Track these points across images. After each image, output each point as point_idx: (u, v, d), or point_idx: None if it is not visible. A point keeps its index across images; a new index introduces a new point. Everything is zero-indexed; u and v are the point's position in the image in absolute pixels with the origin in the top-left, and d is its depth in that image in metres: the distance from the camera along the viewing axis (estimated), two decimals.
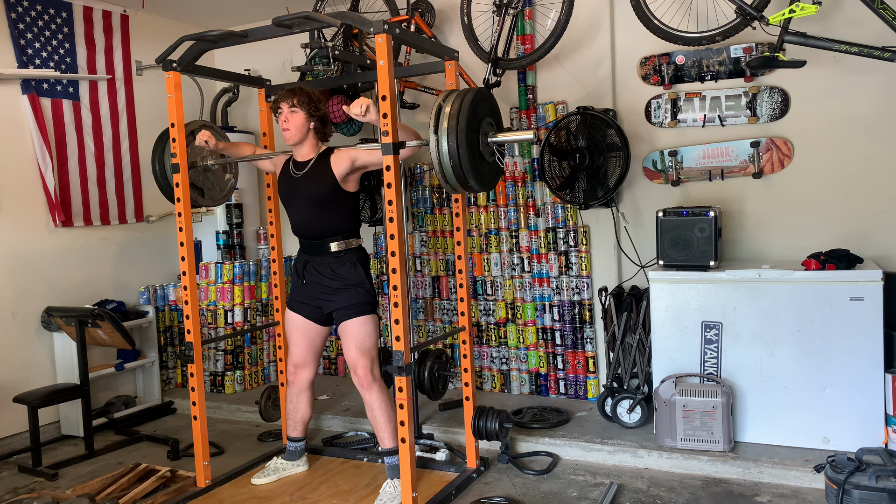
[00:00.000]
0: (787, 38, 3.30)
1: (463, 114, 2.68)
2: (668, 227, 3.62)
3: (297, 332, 3.40)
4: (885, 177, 3.64)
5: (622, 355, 3.86)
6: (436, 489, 3.22)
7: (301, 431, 3.52)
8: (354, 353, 3.19)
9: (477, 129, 2.76)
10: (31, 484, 3.67)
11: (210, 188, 3.65)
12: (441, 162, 2.71)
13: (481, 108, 2.80)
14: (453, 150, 2.66)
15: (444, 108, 2.72)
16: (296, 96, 3.19)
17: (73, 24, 4.61)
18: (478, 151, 2.77)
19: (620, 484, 3.27)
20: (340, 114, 4.51)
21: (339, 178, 3.19)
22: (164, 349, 5.05)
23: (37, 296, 4.37)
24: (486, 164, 2.86)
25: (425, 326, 4.79)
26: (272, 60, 5.23)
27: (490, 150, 2.87)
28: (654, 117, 4.09)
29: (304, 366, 3.42)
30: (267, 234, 4.54)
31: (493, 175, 2.93)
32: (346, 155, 3.18)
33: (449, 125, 2.67)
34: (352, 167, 3.18)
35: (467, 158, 2.68)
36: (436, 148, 2.70)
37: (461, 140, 2.66)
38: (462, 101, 2.72)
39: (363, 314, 3.22)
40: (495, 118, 2.94)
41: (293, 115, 3.19)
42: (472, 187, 2.80)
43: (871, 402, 3.24)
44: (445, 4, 4.57)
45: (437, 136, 2.69)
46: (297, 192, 3.27)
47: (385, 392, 3.22)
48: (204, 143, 3.35)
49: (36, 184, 4.39)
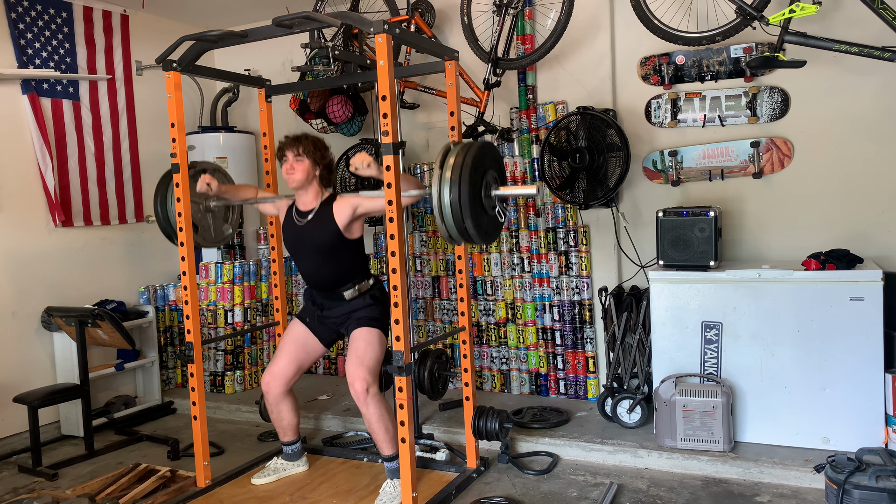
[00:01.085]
0: (787, 38, 3.30)
1: (467, 165, 2.67)
2: (668, 227, 3.62)
3: (292, 341, 3.38)
4: (885, 177, 3.64)
5: (622, 355, 3.86)
6: (436, 489, 3.22)
7: (292, 436, 3.49)
8: (353, 367, 3.14)
9: (481, 179, 2.76)
10: (31, 484, 3.67)
11: (205, 228, 3.60)
12: (441, 211, 2.70)
13: (486, 160, 2.80)
14: (454, 198, 2.66)
15: (449, 158, 2.72)
16: (301, 144, 3.20)
17: (73, 24, 4.61)
18: (479, 203, 2.76)
19: (620, 484, 3.27)
20: (340, 114, 4.52)
21: (342, 227, 3.20)
22: (164, 349, 5.05)
23: (37, 296, 4.37)
24: (487, 217, 2.85)
25: (425, 326, 4.79)
26: (272, 60, 5.23)
27: (491, 203, 2.87)
28: (654, 117, 4.09)
29: (280, 378, 3.34)
30: (267, 234, 4.53)
31: (492, 228, 2.92)
32: (348, 203, 3.18)
33: (452, 175, 2.66)
34: (354, 215, 3.19)
35: (468, 206, 2.67)
36: (437, 192, 2.69)
37: (464, 186, 2.65)
38: (467, 153, 2.72)
39: (372, 326, 3.24)
40: (499, 172, 2.93)
41: (299, 163, 3.21)
42: (471, 239, 2.78)
43: (871, 402, 3.24)
44: (445, 4, 4.57)
45: (439, 185, 2.69)
46: (301, 242, 3.29)
47: (382, 405, 3.16)
48: (206, 186, 3.32)
49: (36, 184, 4.39)
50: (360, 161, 2.88)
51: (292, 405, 3.44)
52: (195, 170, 3.53)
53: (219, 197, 3.47)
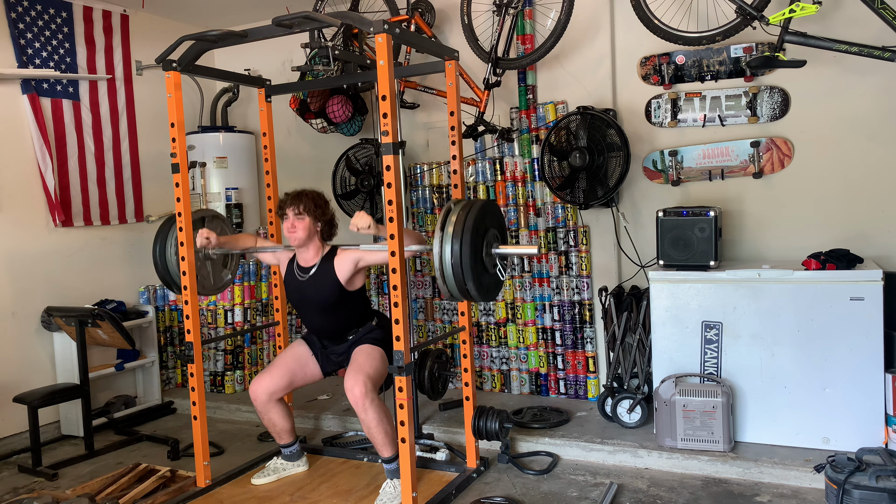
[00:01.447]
0: (787, 37, 3.30)
1: (469, 223, 2.70)
2: (668, 227, 3.62)
3: (293, 358, 3.40)
4: (885, 177, 3.64)
5: (622, 355, 3.86)
6: (436, 489, 3.22)
7: (288, 438, 3.49)
8: (352, 374, 3.15)
9: (482, 237, 2.79)
10: (31, 484, 3.67)
11: (204, 276, 3.58)
12: (443, 268, 2.73)
13: (488, 219, 2.83)
14: (456, 257, 2.69)
15: (451, 215, 2.75)
16: (302, 202, 3.21)
17: (73, 24, 4.61)
18: (480, 261, 2.79)
19: (620, 484, 3.27)
20: (341, 114, 4.52)
21: (344, 282, 3.23)
22: (164, 349, 5.05)
23: (37, 296, 4.37)
24: (487, 275, 2.87)
25: (425, 326, 4.79)
26: (272, 60, 5.23)
27: (492, 261, 2.89)
28: (654, 117, 4.09)
29: (268, 389, 3.32)
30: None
31: (492, 286, 2.94)
32: (349, 258, 3.21)
33: (454, 232, 2.69)
34: (355, 270, 3.23)
35: (469, 264, 2.69)
36: (439, 254, 2.72)
37: (465, 245, 2.68)
38: (469, 211, 2.74)
39: (374, 344, 3.29)
40: (500, 231, 2.96)
41: (300, 220, 3.22)
42: (471, 296, 2.80)
43: (871, 402, 3.24)
44: (445, 4, 4.56)
45: (441, 242, 2.72)
46: (304, 297, 3.32)
47: (381, 409, 3.14)
48: (205, 240, 3.33)
49: (36, 184, 4.39)
50: (361, 222, 2.97)
51: (282, 411, 3.41)
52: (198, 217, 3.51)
53: (217, 247, 3.47)
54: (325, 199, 3.32)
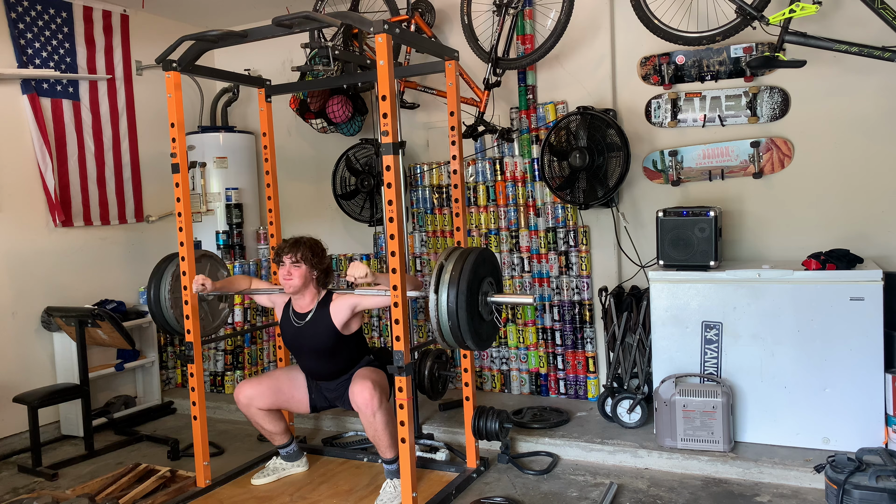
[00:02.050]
0: (787, 37, 3.30)
1: (465, 275, 2.71)
2: (668, 227, 3.62)
3: (287, 379, 3.39)
4: (885, 177, 3.64)
5: (622, 355, 3.86)
6: (436, 489, 3.22)
7: (282, 440, 3.48)
8: (360, 381, 3.11)
9: (477, 289, 2.79)
10: (31, 484, 3.67)
11: (203, 317, 3.58)
12: (440, 319, 2.74)
13: (483, 268, 2.83)
14: (452, 311, 2.69)
15: (447, 266, 2.75)
16: (299, 251, 3.20)
17: (72, 24, 4.61)
18: (476, 312, 2.80)
19: (620, 484, 3.27)
20: (341, 114, 4.52)
21: (340, 327, 3.23)
22: (164, 349, 5.05)
23: (37, 296, 4.37)
24: (485, 324, 2.88)
25: (425, 326, 4.79)
26: (272, 60, 5.23)
27: (489, 310, 2.90)
28: (654, 117, 4.09)
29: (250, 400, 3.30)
30: (267, 234, 4.53)
31: (490, 334, 2.95)
32: (345, 304, 3.21)
33: (450, 284, 2.70)
34: (351, 315, 3.23)
35: (465, 319, 2.71)
36: (435, 307, 2.73)
37: (461, 302, 2.68)
38: (465, 261, 2.74)
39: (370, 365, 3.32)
40: (496, 277, 2.96)
41: (296, 268, 3.21)
42: (469, 347, 2.82)
43: (871, 402, 3.24)
44: (445, 4, 4.56)
45: (437, 295, 2.72)
46: (301, 343, 3.31)
47: (389, 413, 3.12)
48: (201, 287, 3.28)
49: (36, 184, 4.39)
50: (358, 272, 2.99)
51: (267, 415, 3.37)
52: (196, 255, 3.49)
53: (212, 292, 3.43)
54: (322, 248, 3.30)
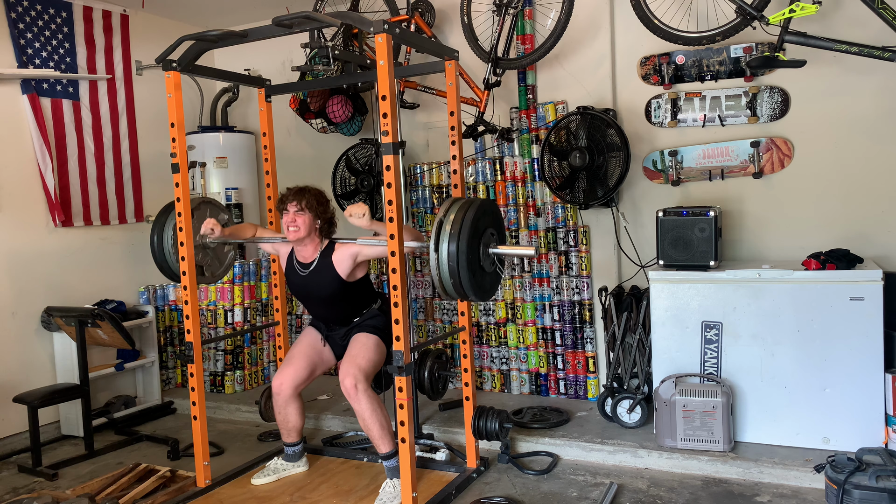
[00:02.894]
0: (787, 37, 3.30)
1: (466, 224, 2.69)
2: (668, 227, 3.62)
3: (309, 346, 3.44)
4: (885, 177, 3.64)
5: (622, 355, 3.86)
6: (436, 489, 3.22)
7: (296, 437, 3.51)
8: (345, 366, 3.21)
9: (479, 240, 2.78)
10: (31, 484, 3.66)
11: (209, 264, 3.60)
12: (440, 270, 2.73)
13: (485, 219, 2.82)
14: (453, 259, 2.68)
15: (448, 216, 2.74)
16: (304, 199, 3.22)
17: (72, 24, 4.61)
18: (478, 265, 2.79)
19: (620, 484, 3.26)
20: (341, 113, 4.52)
21: (345, 276, 3.26)
22: (164, 349, 5.05)
23: (37, 296, 4.37)
24: (487, 275, 2.87)
25: (425, 326, 4.79)
26: (272, 60, 5.23)
27: (490, 261, 2.89)
28: (654, 117, 4.09)
29: (293, 380, 3.35)
30: None
31: (492, 285, 2.94)
32: (347, 253, 3.23)
33: (451, 233, 2.68)
34: (354, 264, 3.25)
35: (466, 271, 2.70)
36: (436, 259, 2.72)
37: (461, 256, 2.67)
38: (465, 212, 2.73)
39: (372, 332, 3.32)
40: (498, 230, 2.96)
41: (300, 216, 3.22)
42: (469, 297, 2.81)
43: (871, 402, 3.24)
44: (445, 4, 4.56)
45: (437, 247, 2.71)
46: (307, 291, 3.36)
47: (373, 400, 3.18)
48: (210, 230, 3.36)
49: (36, 184, 4.39)
50: (358, 210, 3.00)
51: (300, 408, 3.46)
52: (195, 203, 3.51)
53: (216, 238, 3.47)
54: (326, 198, 3.34)
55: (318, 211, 3.26)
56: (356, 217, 3.01)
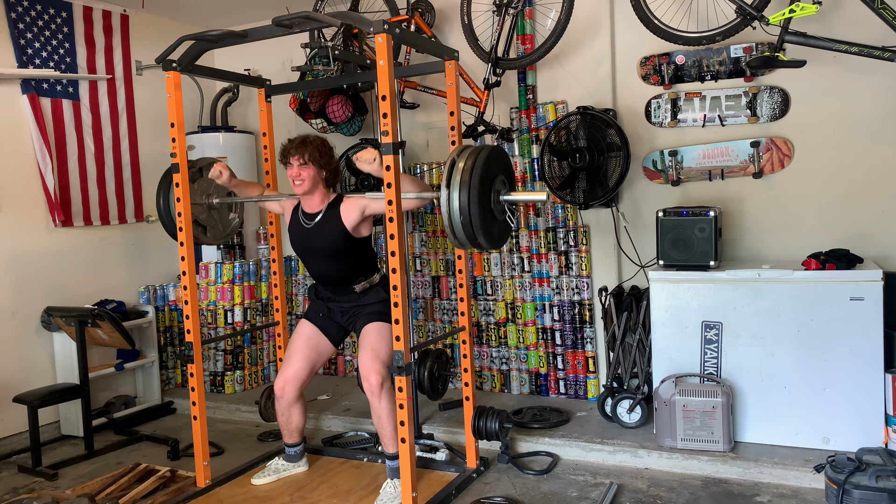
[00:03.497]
0: (787, 37, 3.30)
1: (476, 170, 2.66)
2: (668, 227, 3.62)
3: (303, 343, 3.39)
4: (885, 177, 3.64)
5: (622, 355, 3.86)
6: (436, 489, 3.22)
7: (297, 437, 3.51)
8: (368, 360, 3.16)
9: (490, 186, 2.75)
10: (31, 484, 3.67)
11: (213, 226, 3.65)
12: (451, 217, 2.70)
13: (495, 165, 2.79)
14: (464, 205, 2.65)
15: (458, 163, 2.71)
16: (307, 151, 3.17)
17: (72, 24, 4.61)
18: (489, 209, 2.75)
19: (620, 484, 3.27)
20: (340, 113, 4.52)
21: (351, 229, 3.22)
22: (164, 349, 5.05)
23: (37, 296, 4.37)
24: (497, 222, 2.84)
25: (425, 326, 4.79)
26: (272, 60, 5.23)
27: (501, 208, 2.86)
28: (654, 117, 4.09)
29: (295, 381, 3.34)
30: (267, 234, 4.53)
31: (502, 233, 2.91)
32: (355, 205, 3.20)
33: (462, 180, 2.66)
34: (362, 217, 3.22)
35: (478, 215, 2.66)
36: (447, 202, 2.68)
37: (473, 196, 2.64)
38: (476, 157, 2.71)
39: (385, 320, 3.25)
40: (508, 176, 2.93)
41: (304, 169, 3.19)
42: (481, 245, 2.77)
43: (871, 402, 3.24)
44: (445, 4, 4.56)
45: (448, 191, 2.68)
46: (310, 244, 3.30)
47: (394, 401, 3.14)
48: (218, 173, 3.33)
49: (36, 184, 4.39)
50: (369, 155, 2.91)
51: (302, 408, 3.45)
52: (196, 167, 3.53)
53: (224, 191, 3.47)
54: (329, 146, 3.26)
55: (322, 162, 3.20)
56: (366, 162, 2.92)
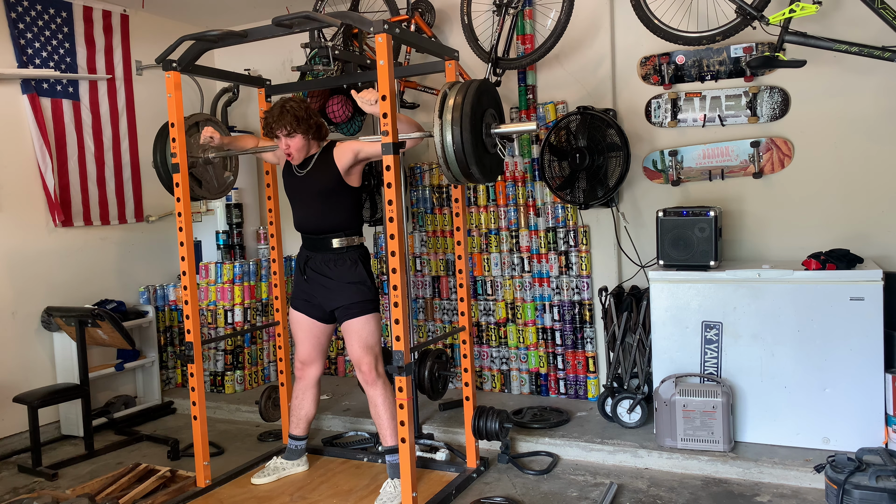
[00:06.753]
0: (787, 37, 3.30)
1: (467, 103, 2.73)
2: (668, 227, 3.62)
3: (301, 330, 3.44)
4: (885, 177, 3.64)
5: (622, 355, 3.86)
6: (436, 489, 3.22)
7: (304, 430, 3.53)
8: (358, 351, 3.23)
9: (481, 118, 2.81)
10: (31, 484, 3.67)
11: (208, 181, 3.67)
12: (444, 149, 2.76)
13: (485, 99, 2.85)
14: (457, 136, 2.71)
15: (449, 98, 2.77)
16: (287, 124, 3.17)
17: (72, 24, 4.61)
18: (481, 140, 2.81)
19: (620, 484, 3.27)
20: (341, 113, 4.51)
21: (343, 172, 3.24)
22: (164, 349, 5.05)
23: (37, 296, 4.37)
24: (488, 155, 2.90)
25: (425, 326, 4.79)
26: (272, 60, 5.23)
27: (492, 142, 2.91)
28: (654, 117, 4.09)
29: (311, 362, 3.46)
30: (267, 234, 4.54)
31: (494, 166, 2.97)
32: (348, 148, 3.21)
33: (454, 114, 2.73)
34: (355, 160, 3.22)
35: (471, 146, 2.73)
36: (440, 135, 2.75)
37: (465, 127, 2.71)
38: (466, 91, 2.76)
39: (365, 313, 3.25)
40: (498, 111, 2.98)
41: (292, 139, 3.21)
42: (475, 176, 2.82)
43: (871, 402, 3.24)
44: (445, 4, 4.56)
45: (441, 124, 2.75)
46: (301, 187, 3.33)
47: (389, 388, 3.23)
48: (209, 139, 3.38)
49: (36, 184, 4.39)
50: (371, 97, 2.92)
51: (316, 396, 3.53)
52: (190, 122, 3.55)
53: (219, 148, 3.51)
54: (305, 106, 3.24)
55: (305, 127, 3.21)
56: (367, 103, 2.94)
